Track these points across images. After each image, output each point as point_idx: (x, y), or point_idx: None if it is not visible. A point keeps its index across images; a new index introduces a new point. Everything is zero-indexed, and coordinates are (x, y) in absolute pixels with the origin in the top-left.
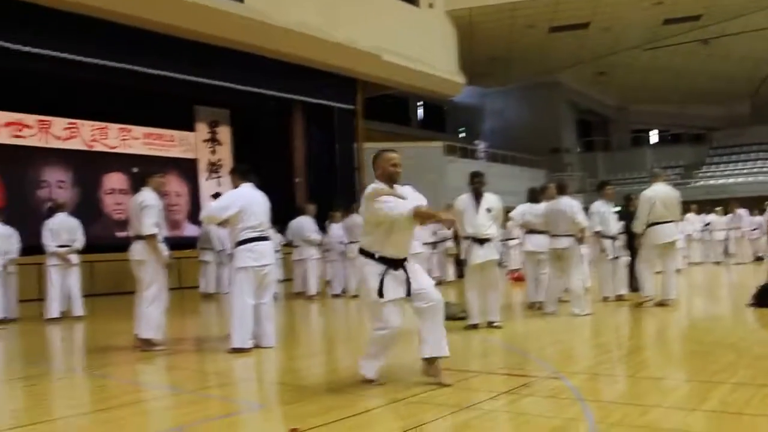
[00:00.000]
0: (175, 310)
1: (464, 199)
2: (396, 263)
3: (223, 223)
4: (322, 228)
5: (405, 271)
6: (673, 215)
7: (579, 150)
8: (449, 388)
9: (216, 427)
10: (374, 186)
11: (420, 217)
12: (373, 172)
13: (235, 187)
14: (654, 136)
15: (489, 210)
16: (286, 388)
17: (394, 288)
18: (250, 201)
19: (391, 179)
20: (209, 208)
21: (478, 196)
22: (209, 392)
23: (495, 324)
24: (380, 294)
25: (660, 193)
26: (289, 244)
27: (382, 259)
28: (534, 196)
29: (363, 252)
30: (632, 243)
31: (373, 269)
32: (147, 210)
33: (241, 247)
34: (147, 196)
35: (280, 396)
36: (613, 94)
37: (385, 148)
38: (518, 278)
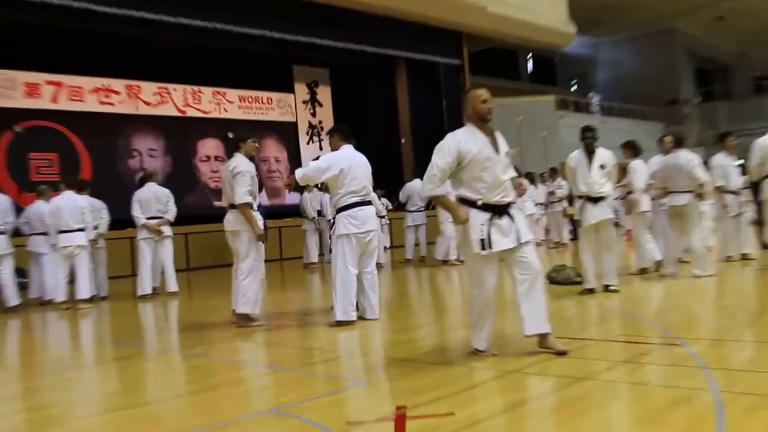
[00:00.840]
0: (275, 283)
1: (576, 156)
2: (501, 210)
3: (322, 188)
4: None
5: (511, 218)
6: None
7: (698, 100)
8: (565, 358)
9: (318, 406)
10: (451, 137)
11: (440, 204)
12: (464, 114)
13: (335, 149)
14: None
15: (602, 167)
16: (392, 363)
17: (500, 239)
18: (351, 164)
19: (482, 118)
20: (307, 167)
21: (590, 152)
22: (311, 369)
23: (611, 288)
24: (484, 246)
25: None
26: (401, 208)
27: (486, 207)
28: (634, 150)
29: (463, 201)
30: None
31: (476, 219)
32: (239, 177)
33: (343, 213)
34: (239, 162)
35: (385, 371)
36: (732, 39)
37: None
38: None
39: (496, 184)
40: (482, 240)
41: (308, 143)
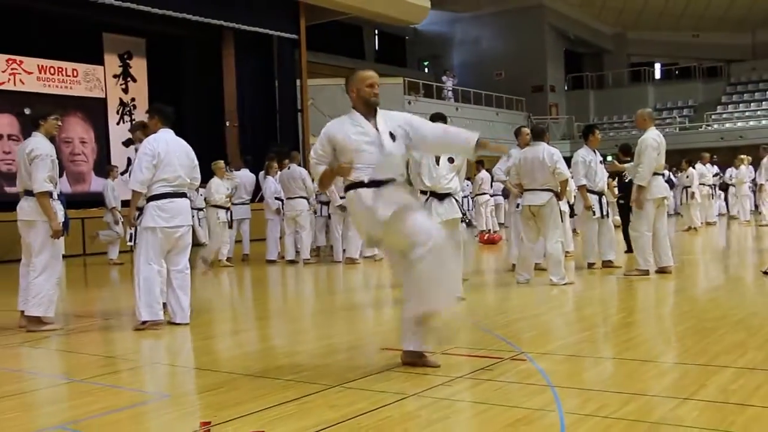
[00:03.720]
0: (77, 281)
1: None
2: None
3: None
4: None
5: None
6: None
7: (566, 88)
8: (397, 371)
9: (112, 421)
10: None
11: (327, 178)
12: (349, 98)
13: (153, 131)
14: (658, 71)
15: (450, 160)
16: (202, 374)
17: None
18: (167, 149)
19: (368, 104)
20: (136, 173)
21: None
22: (109, 380)
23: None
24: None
25: (662, 139)
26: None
27: (374, 183)
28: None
29: (351, 187)
30: (626, 199)
31: (367, 193)
32: (38, 161)
33: (151, 203)
34: (38, 143)
35: (193, 383)
36: (609, 19)
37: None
38: (489, 241)
39: (383, 162)
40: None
41: (119, 123)
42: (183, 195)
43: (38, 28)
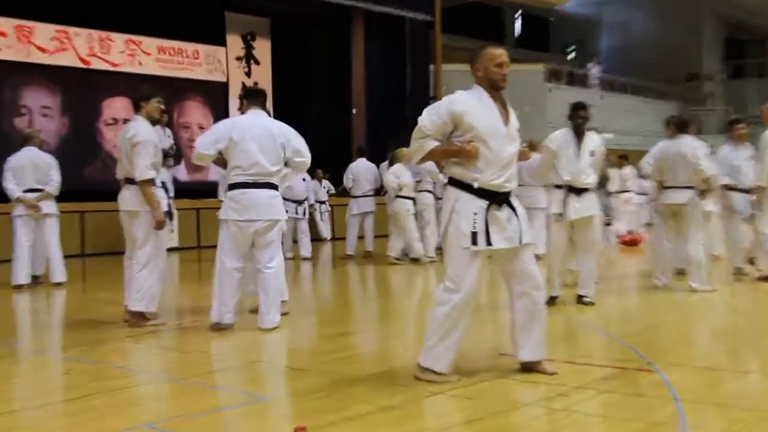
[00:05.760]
0: (190, 275)
1: (561, 138)
2: (500, 198)
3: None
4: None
5: (513, 210)
6: None
7: (725, 76)
8: (513, 380)
9: (203, 423)
10: (449, 96)
11: (438, 155)
12: (473, 76)
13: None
14: None
15: (592, 153)
16: (305, 376)
17: (498, 234)
18: (245, 133)
19: (494, 84)
20: (197, 142)
21: (579, 135)
22: (205, 380)
23: (585, 299)
24: (475, 241)
25: None
26: (346, 193)
27: (482, 192)
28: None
29: (454, 183)
30: None
31: (469, 206)
32: (140, 147)
33: (227, 194)
34: (140, 128)
35: (292, 385)
36: None
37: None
38: (631, 242)
39: (499, 163)
40: (474, 233)
41: (240, 108)
42: (263, 185)
43: (158, 6)
